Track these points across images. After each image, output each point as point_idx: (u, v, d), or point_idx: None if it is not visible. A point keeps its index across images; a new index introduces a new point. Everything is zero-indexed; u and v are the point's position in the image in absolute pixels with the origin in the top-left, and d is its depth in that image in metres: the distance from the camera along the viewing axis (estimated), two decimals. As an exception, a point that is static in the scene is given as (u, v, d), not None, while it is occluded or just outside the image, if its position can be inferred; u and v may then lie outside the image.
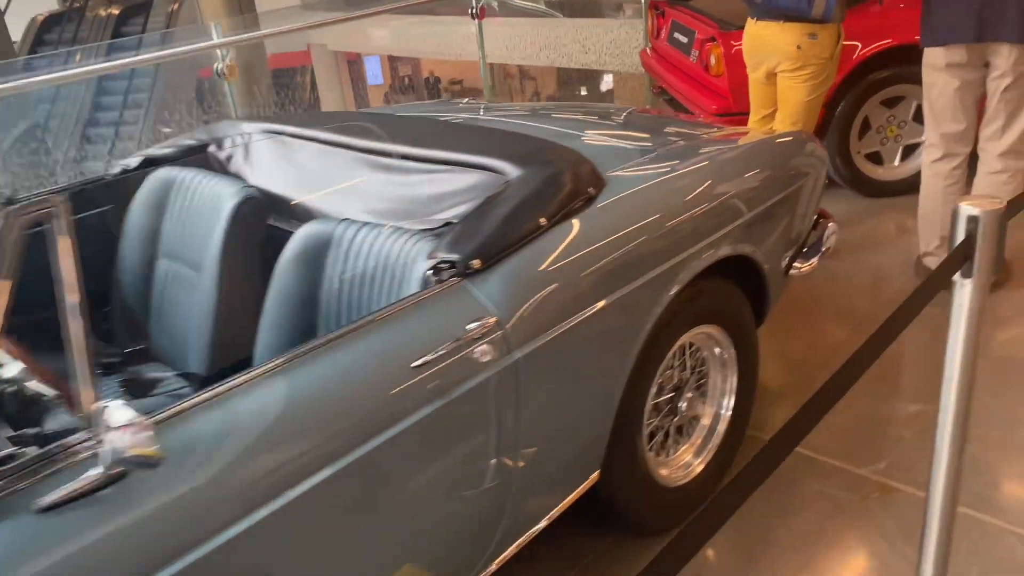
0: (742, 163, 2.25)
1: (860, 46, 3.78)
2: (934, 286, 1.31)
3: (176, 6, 13.33)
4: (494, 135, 2.22)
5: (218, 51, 3.84)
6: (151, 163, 2.41)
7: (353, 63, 18.11)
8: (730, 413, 2.23)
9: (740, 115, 3.73)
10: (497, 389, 1.54)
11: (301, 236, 1.85)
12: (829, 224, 2.60)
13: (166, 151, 2.46)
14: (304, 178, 2.28)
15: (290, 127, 2.38)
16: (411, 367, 1.40)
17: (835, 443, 2.41)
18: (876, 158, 4.09)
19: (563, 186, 1.80)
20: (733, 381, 2.24)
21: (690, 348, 2.14)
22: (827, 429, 2.45)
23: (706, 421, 2.22)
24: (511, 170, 1.86)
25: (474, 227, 1.65)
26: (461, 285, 1.56)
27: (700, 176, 2.10)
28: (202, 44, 3.90)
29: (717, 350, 2.19)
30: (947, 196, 3.03)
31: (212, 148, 2.48)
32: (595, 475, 1.87)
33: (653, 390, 2.01)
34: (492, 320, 1.53)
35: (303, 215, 2.17)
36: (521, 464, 1.63)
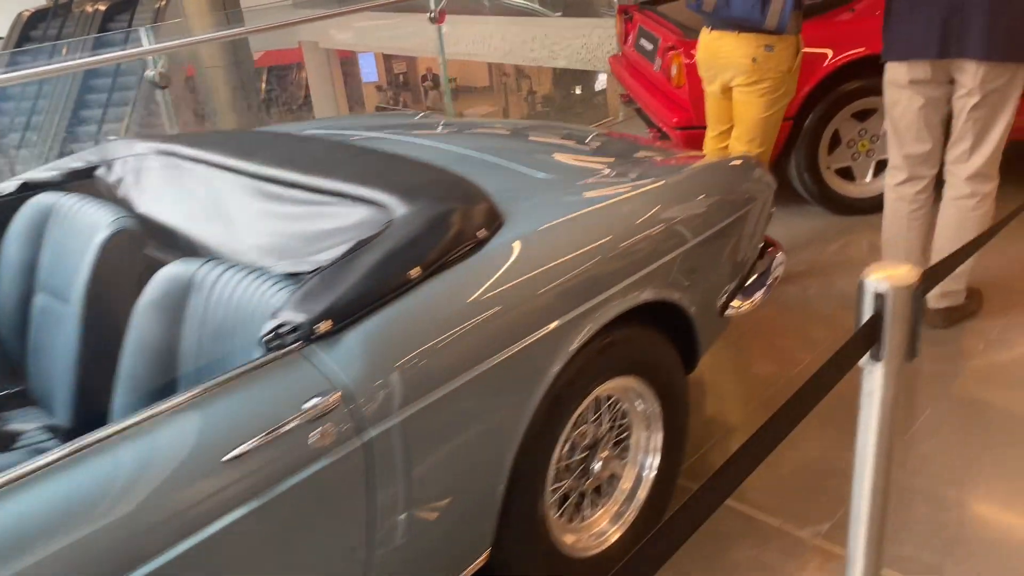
0: (673, 195, 2.03)
1: (830, 55, 3.56)
2: (836, 371, 1.10)
3: (163, 2, 13.16)
4: (393, 163, 2.00)
5: (150, 58, 3.63)
6: (31, 187, 2.20)
7: (346, 61, 17.90)
8: (654, 474, 2.01)
9: (701, 128, 3.50)
10: (340, 477, 1.32)
11: (161, 278, 1.64)
12: (777, 254, 2.39)
13: (49, 174, 2.26)
14: (192, 206, 2.07)
15: (183, 147, 2.17)
16: (222, 461, 1.19)
17: (777, 499, 2.20)
18: (847, 174, 3.87)
19: (447, 229, 1.58)
20: (659, 438, 2.02)
21: (608, 401, 1.93)
22: (770, 483, 2.24)
23: (626, 484, 2.00)
24: (397, 207, 1.64)
25: (330, 280, 1.44)
26: (304, 352, 1.34)
27: (621, 212, 1.88)
28: (134, 50, 3.69)
29: (639, 403, 1.97)
30: (912, 222, 2.81)
31: (101, 171, 2.27)
32: (484, 556, 1.65)
33: (563, 449, 1.80)
34: (336, 395, 1.31)
35: (185, 248, 1.96)
36: (379, 558, 1.41)
